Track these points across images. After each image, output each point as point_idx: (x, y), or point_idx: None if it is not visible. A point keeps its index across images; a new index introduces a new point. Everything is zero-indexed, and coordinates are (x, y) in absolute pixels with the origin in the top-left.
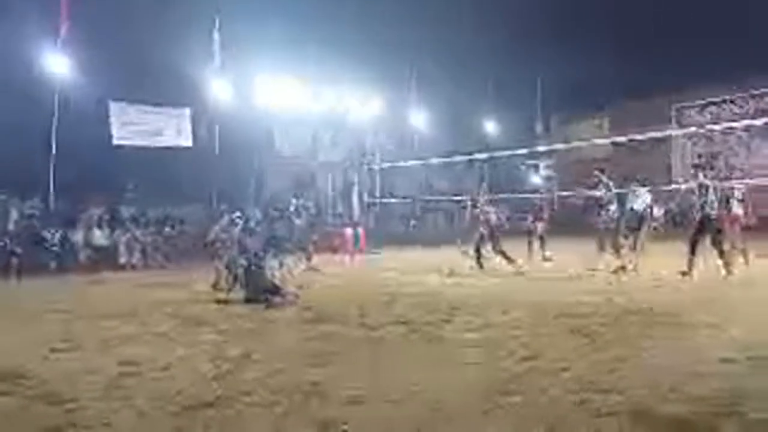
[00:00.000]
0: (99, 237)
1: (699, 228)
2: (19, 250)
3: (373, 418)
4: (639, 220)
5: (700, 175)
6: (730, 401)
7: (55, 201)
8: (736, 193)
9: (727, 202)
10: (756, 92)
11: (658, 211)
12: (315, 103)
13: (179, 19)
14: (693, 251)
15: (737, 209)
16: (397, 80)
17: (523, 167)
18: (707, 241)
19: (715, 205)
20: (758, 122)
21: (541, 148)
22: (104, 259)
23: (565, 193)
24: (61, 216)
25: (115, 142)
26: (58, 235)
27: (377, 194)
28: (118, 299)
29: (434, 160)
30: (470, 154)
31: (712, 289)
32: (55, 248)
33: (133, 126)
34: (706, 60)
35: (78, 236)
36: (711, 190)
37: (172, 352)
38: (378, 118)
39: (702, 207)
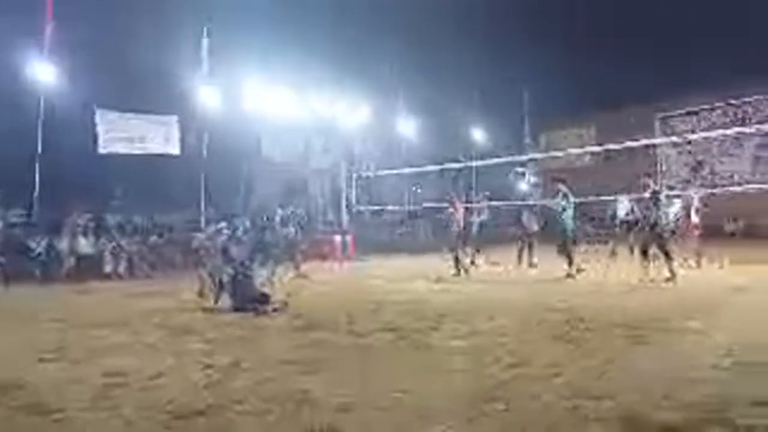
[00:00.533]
0: (84, 246)
1: (650, 234)
2: (2, 258)
3: (363, 425)
4: (621, 226)
5: (651, 183)
6: (719, 407)
7: (39, 209)
8: (696, 203)
9: (688, 210)
10: (737, 101)
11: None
12: (305, 110)
13: (167, 26)
14: (668, 256)
15: (695, 218)
16: (386, 88)
17: (511, 175)
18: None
19: (668, 212)
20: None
21: (525, 157)
22: (90, 268)
23: (544, 202)
24: (46, 224)
25: (101, 150)
26: (43, 244)
27: (366, 202)
28: (104, 308)
29: (422, 168)
30: (457, 162)
31: (695, 294)
32: (39, 257)
33: (119, 133)
34: (691, 69)
35: (63, 245)
36: (662, 198)
37: (160, 361)
38: (367, 125)
39: (653, 214)
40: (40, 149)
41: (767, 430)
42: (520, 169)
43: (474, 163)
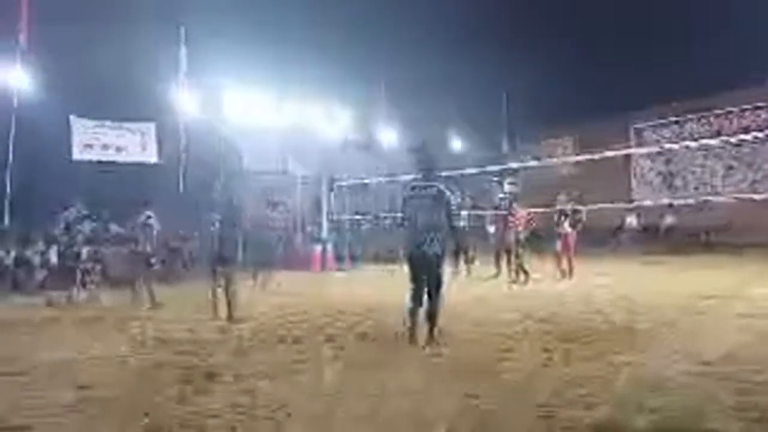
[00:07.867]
0: (58, 256)
1: None
2: None
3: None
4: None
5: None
6: (692, 413)
7: (10, 220)
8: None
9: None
10: (711, 113)
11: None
12: (284, 117)
13: (144, 34)
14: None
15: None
16: (367, 98)
17: (490, 184)
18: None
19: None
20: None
21: (505, 166)
22: (63, 278)
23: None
24: (17, 234)
25: (75, 158)
26: (12, 254)
27: (345, 211)
28: (76, 320)
29: (402, 177)
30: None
31: (668, 302)
32: (9, 269)
33: (94, 141)
34: (666, 80)
35: (35, 255)
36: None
37: (133, 374)
38: (347, 134)
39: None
40: (12, 158)
41: None
42: (496, 179)
43: (452, 173)
